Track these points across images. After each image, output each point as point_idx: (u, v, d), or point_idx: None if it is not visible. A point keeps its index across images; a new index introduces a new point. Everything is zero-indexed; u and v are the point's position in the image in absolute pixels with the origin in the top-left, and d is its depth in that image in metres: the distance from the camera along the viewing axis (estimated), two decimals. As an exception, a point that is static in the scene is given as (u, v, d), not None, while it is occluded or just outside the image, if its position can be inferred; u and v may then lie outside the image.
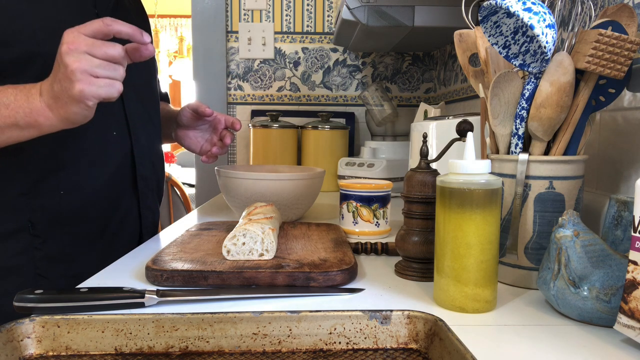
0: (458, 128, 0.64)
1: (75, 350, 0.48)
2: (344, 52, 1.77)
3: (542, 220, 0.61)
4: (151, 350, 0.48)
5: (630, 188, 0.68)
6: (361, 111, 1.77)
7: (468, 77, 0.72)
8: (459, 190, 0.53)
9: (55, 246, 0.82)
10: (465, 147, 0.55)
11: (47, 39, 0.76)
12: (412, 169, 0.67)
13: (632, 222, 0.46)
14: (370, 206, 0.88)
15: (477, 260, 0.53)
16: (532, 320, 0.52)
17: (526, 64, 0.60)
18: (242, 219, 0.74)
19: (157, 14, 5.42)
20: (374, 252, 0.77)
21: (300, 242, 0.76)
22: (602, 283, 0.49)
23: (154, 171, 0.99)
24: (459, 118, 0.92)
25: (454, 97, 1.53)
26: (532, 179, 0.61)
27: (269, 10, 1.75)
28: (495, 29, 0.59)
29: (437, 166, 0.71)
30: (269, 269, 0.61)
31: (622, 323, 0.45)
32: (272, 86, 1.78)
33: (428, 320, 0.48)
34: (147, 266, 0.62)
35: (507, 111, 0.63)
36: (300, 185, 0.97)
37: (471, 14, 0.69)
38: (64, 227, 0.82)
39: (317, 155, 1.53)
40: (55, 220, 0.81)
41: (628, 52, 0.57)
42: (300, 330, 0.49)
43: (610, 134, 0.73)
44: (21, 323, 0.47)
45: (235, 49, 1.76)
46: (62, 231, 0.82)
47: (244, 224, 0.68)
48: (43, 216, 0.80)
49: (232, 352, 0.48)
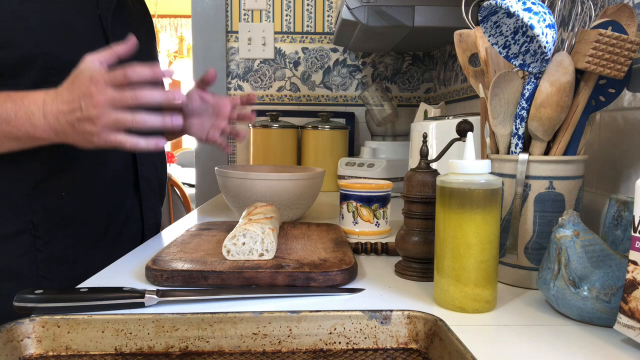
0: (458, 128, 0.64)
1: (75, 350, 0.48)
2: (344, 52, 1.77)
3: (542, 220, 0.61)
4: (151, 350, 0.48)
5: (630, 188, 0.68)
6: (361, 111, 1.77)
7: (468, 77, 0.72)
8: (459, 190, 0.53)
9: (57, 248, 0.81)
10: (465, 147, 0.55)
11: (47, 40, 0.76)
12: (412, 169, 0.67)
13: (632, 222, 0.46)
14: (370, 206, 0.88)
15: (477, 260, 0.53)
16: (532, 320, 0.52)
17: (526, 64, 0.60)
18: (242, 219, 0.74)
19: (157, 14, 5.42)
20: (374, 252, 0.77)
21: (300, 242, 0.76)
22: (602, 283, 0.49)
23: (156, 172, 0.98)
24: (459, 118, 0.92)
25: (454, 97, 1.53)
26: (532, 179, 0.61)
27: (269, 10, 1.75)
28: (495, 29, 0.59)
29: (437, 166, 0.71)
30: (269, 269, 0.61)
31: (622, 323, 0.45)
32: (272, 86, 1.78)
33: (428, 320, 0.48)
34: (147, 266, 0.62)
35: (507, 111, 0.63)
36: (300, 185, 0.97)
37: (471, 14, 0.69)
38: (65, 228, 0.82)
39: (317, 155, 1.53)
40: (57, 222, 0.81)
41: (628, 52, 0.57)
42: (300, 330, 0.49)
43: (610, 134, 0.73)
44: (21, 323, 0.47)
45: (235, 49, 1.76)
46: (64, 233, 0.82)
47: (244, 224, 0.68)
48: (45, 218, 0.80)
49: (232, 352, 0.48)
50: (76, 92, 0.67)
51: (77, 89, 0.67)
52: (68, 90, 0.68)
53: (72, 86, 0.68)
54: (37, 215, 0.79)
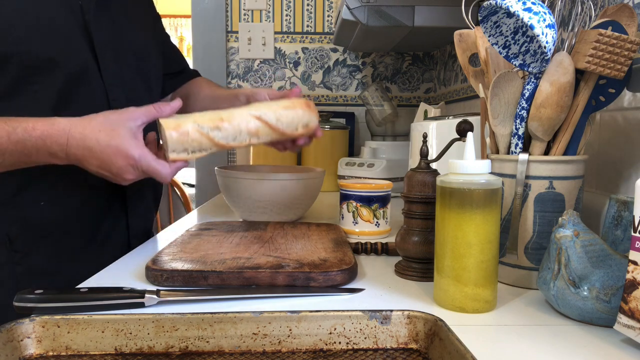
0: (458, 128, 0.64)
1: (75, 350, 0.48)
2: (344, 52, 1.77)
3: (542, 220, 0.61)
4: (151, 350, 0.48)
5: (630, 188, 0.68)
6: (361, 111, 1.77)
7: (468, 77, 0.72)
8: (459, 190, 0.53)
9: (37, 260, 0.77)
10: (465, 147, 0.54)
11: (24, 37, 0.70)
12: (412, 169, 0.67)
13: (632, 222, 0.46)
14: (370, 206, 0.88)
15: (477, 260, 0.53)
16: (532, 320, 0.52)
17: (526, 64, 0.60)
18: None
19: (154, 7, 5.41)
20: (374, 252, 0.77)
21: (300, 242, 0.76)
22: (602, 283, 0.49)
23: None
24: (459, 118, 0.92)
25: (454, 97, 1.53)
26: (532, 179, 0.61)
27: (269, 10, 1.75)
28: (495, 29, 0.59)
29: (437, 166, 0.71)
30: (269, 269, 0.61)
31: (622, 323, 0.45)
32: (272, 86, 1.78)
33: (428, 320, 0.48)
34: (147, 266, 0.62)
35: (507, 111, 0.63)
36: (300, 185, 0.97)
37: (471, 14, 0.69)
38: (46, 239, 0.78)
39: (317, 155, 1.53)
40: (37, 232, 0.77)
41: (628, 52, 0.57)
42: (300, 330, 0.49)
43: (610, 134, 0.73)
44: (21, 323, 0.47)
45: (235, 49, 1.76)
46: (45, 244, 0.78)
47: None
48: (24, 229, 0.76)
49: (232, 352, 0.48)
50: (107, 160, 0.69)
51: (109, 157, 0.68)
52: (99, 145, 0.68)
53: (105, 143, 0.68)
54: (14, 226, 0.75)
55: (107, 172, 0.70)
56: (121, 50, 0.85)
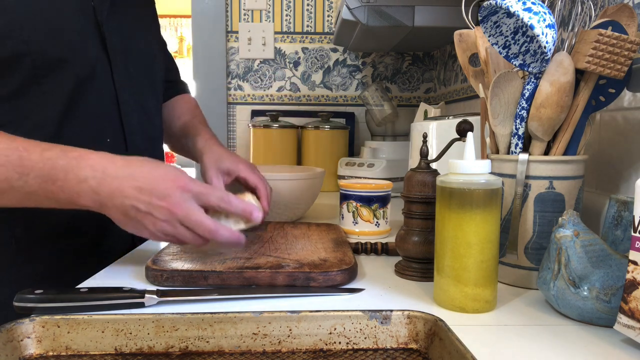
0: (458, 128, 0.64)
1: (75, 350, 0.48)
2: (344, 52, 1.77)
3: (542, 220, 0.61)
4: (151, 350, 0.48)
5: (630, 188, 0.68)
6: (361, 111, 1.77)
7: (468, 77, 0.72)
8: (459, 190, 0.53)
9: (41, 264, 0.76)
10: (465, 147, 0.55)
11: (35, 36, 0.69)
12: (412, 169, 0.67)
13: (632, 222, 0.46)
14: (370, 206, 0.88)
15: (477, 260, 0.53)
16: (532, 320, 0.52)
17: (526, 64, 0.60)
18: None
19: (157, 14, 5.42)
20: (374, 252, 0.77)
21: (300, 242, 0.76)
22: (602, 283, 0.49)
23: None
24: (459, 118, 0.92)
25: (454, 97, 1.53)
26: (532, 179, 0.61)
27: (269, 10, 1.75)
28: (495, 29, 0.59)
29: (437, 166, 0.71)
30: (269, 269, 0.61)
31: (622, 323, 0.45)
32: (272, 86, 1.78)
33: (428, 320, 0.48)
34: (147, 266, 0.62)
35: (507, 111, 0.63)
36: (300, 185, 0.97)
37: (471, 14, 0.69)
38: (52, 242, 0.76)
39: (317, 155, 1.53)
40: (43, 235, 0.75)
41: (628, 52, 0.57)
42: (300, 330, 0.49)
43: (610, 134, 0.73)
44: (21, 323, 0.47)
45: (235, 49, 1.76)
46: (50, 247, 0.76)
47: None
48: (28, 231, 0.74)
49: (232, 352, 0.48)
50: (152, 183, 0.59)
51: (155, 180, 0.60)
52: (141, 171, 0.60)
53: (150, 169, 0.60)
54: (19, 229, 0.73)
55: (147, 196, 0.60)
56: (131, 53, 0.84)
